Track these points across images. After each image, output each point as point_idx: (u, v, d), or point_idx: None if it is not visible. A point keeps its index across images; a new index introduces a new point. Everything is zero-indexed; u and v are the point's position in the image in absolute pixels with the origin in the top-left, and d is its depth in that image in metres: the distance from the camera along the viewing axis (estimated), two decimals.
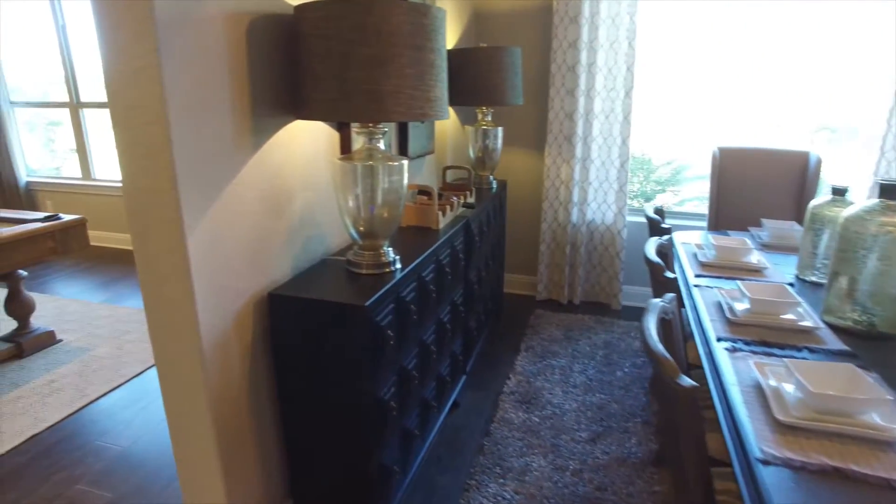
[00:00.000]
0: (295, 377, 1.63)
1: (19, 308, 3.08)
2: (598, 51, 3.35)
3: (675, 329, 1.52)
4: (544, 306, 3.78)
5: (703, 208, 3.69)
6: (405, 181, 1.67)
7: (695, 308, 1.79)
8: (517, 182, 3.85)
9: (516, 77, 2.89)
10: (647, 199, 3.99)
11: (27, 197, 5.26)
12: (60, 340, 3.26)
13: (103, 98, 4.91)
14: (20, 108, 5.23)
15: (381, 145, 1.65)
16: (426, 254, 1.91)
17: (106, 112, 4.97)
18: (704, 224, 3.50)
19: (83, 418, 2.53)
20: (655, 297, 2.43)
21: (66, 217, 2.92)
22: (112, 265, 4.69)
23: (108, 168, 5.15)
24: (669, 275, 1.72)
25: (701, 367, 1.61)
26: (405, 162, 1.66)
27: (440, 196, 2.48)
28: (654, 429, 2.41)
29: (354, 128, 1.65)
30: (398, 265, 1.74)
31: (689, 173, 3.94)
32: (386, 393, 1.66)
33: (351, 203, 1.64)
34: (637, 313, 3.64)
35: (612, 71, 3.38)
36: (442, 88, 1.56)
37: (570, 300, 3.83)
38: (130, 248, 5.05)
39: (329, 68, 1.42)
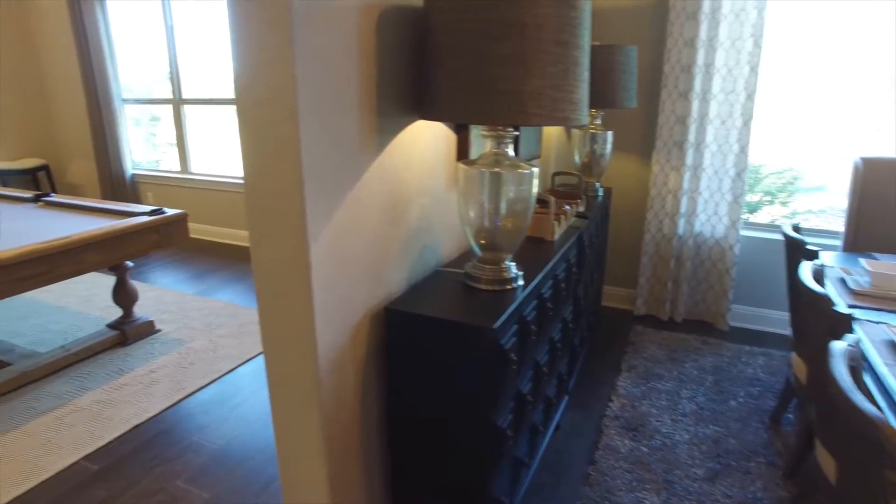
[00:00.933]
0: (407, 398, 1.53)
1: (125, 297, 3.18)
2: (717, 49, 3.08)
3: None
4: (643, 322, 3.54)
5: (822, 223, 3.33)
6: (534, 191, 1.53)
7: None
8: (620, 190, 3.62)
9: (630, 78, 2.69)
10: (752, 211, 3.65)
11: (132, 188, 5.52)
12: (159, 331, 3.34)
13: (201, 95, 5.10)
14: (130, 104, 5.49)
15: (510, 151, 1.52)
16: (546, 269, 1.76)
17: (203, 108, 5.14)
18: (834, 243, 3.15)
19: (181, 412, 2.55)
20: (797, 329, 2.17)
21: (170, 211, 2.98)
22: (205, 257, 4.82)
23: (203, 162, 5.32)
24: (843, 310, 1.48)
25: None
26: (535, 170, 1.51)
27: None
28: (784, 473, 2.15)
29: (481, 131, 1.53)
30: (520, 282, 1.60)
31: (801, 184, 3.58)
32: (504, 421, 1.53)
33: (473, 213, 1.52)
34: (748, 336, 3.34)
35: (733, 72, 3.10)
36: (584, 90, 1.41)
37: (671, 317, 3.56)
38: (223, 241, 5.23)
39: (463, 65, 1.29)
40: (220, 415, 2.53)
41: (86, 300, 3.81)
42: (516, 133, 1.51)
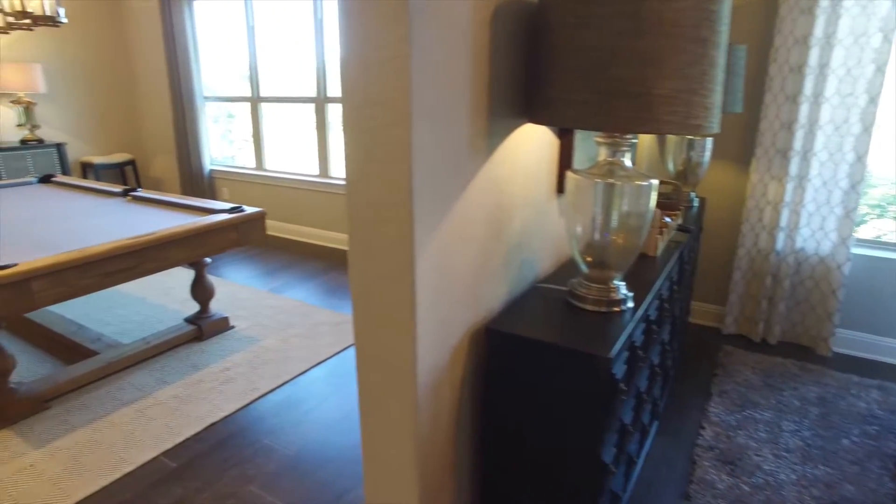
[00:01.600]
0: (504, 425, 1.41)
1: (202, 292, 3.22)
2: (834, 48, 2.79)
3: None
4: (733, 342, 3.28)
5: None
6: (652, 205, 1.38)
7: None
8: (712, 200, 3.38)
9: (738, 80, 2.47)
10: (856, 225, 3.31)
11: (209, 184, 5.66)
12: (233, 327, 3.37)
13: (278, 93, 5.17)
14: (210, 102, 5.64)
15: (627, 160, 1.37)
16: (654, 289, 1.60)
17: (277, 107, 5.21)
18: None
19: (253, 413, 2.54)
20: None
21: (249, 209, 2.98)
22: (277, 254, 4.88)
23: (277, 159, 5.39)
24: None
25: None
26: (655, 182, 1.36)
27: None
28: None
29: (595, 137, 1.39)
30: (630, 304, 1.45)
31: None
32: (608, 455, 1.39)
33: (582, 227, 1.38)
34: (856, 365, 3.03)
35: (852, 72, 2.81)
36: (719, 94, 1.24)
37: (764, 338, 3.29)
38: (295, 238, 5.29)
39: (584, 64, 1.16)
40: (292, 419, 2.49)
41: (164, 293, 3.90)
42: (634, 141, 1.36)
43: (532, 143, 1.52)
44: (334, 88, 4.74)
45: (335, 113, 4.83)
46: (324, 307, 3.69)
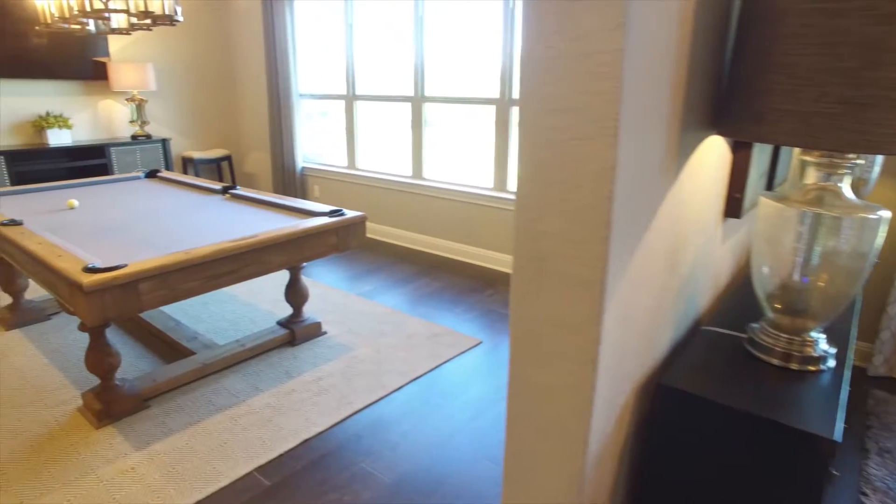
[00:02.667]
0: (670, 498, 1.17)
1: (297, 296, 3.14)
2: None
3: None
4: (884, 386, 2.85)
5: None
6: (879, 243, 1.09)
7: None
8: None
9: None
10: None
11: (300, 181, 5.69)
12: (325, 333, 3.28)
13: (372, 92, 5.10)
14: (305, 99, 5.66)
15: (845, 187, 1.09)
16: (851, 341, 1.30)
17: (370, 105, 5.13)
18: None
19: (348, 430, 2.40)
20: None
21: (349, 213, 2.86)
22: (369, 256, 4.80)
23: (369, 158, 5.33)
24: None
25: None
26: (886, 214, 1.07)
27: None
28: None
29: (802, 154, 1.12)
30: (831, 363, 1.17)
31: None
32: None
33: (774, 264, 1.12)
34: None
35: None
36: None
37: None
38: (387, 240, 5.20)
39: (826, 64, 0.90)
40: (388, 440, 2.34)
41: (255, 292, 3.89)
42: (859, 162, 1.08)
43: (709, 159, 1.26)
44: (431, 87, 4.60)
45: (428, 111, 4.69)
46: (416, 316, 3.54)
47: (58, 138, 4.81)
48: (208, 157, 5.74)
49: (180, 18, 2.84)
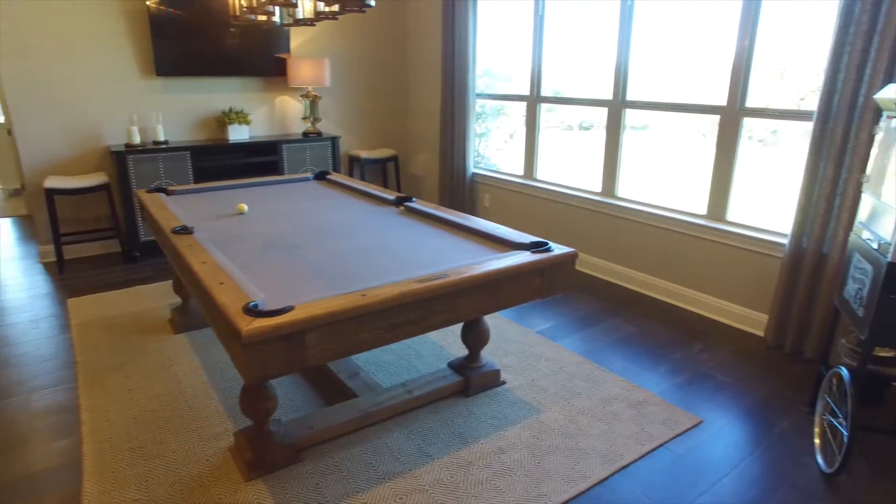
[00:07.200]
0: None
1: (476, 338, 2.60)
2: None
3: None
4: None
5: None
6: None
7: None
8: None
9: None
10: None
11: (469, 188, 5.22)
12: (503, 383, 2.71)
13: (561, 93, 4.44)
14: (482, 99, 5.17)
15: None
16: None
17: (556, 109, 4.47)
18: None
19: None
20: None
21: (557, 249, 2.24)
22: None
23: (549, 170, 4.69)
24: None
25: None
26: None
27: None
28: None
29: None
30: None
31: None
32: None
33: None
34: None
35: None
36: None
37: None
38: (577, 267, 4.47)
39: None
40: None
41: None
42: None
43: None
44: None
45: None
46: (612, 370, 2.84)
47: (237, 134, 4.79)
48: (375, 157, 5.49)
49: (371, 3, 2.41)
